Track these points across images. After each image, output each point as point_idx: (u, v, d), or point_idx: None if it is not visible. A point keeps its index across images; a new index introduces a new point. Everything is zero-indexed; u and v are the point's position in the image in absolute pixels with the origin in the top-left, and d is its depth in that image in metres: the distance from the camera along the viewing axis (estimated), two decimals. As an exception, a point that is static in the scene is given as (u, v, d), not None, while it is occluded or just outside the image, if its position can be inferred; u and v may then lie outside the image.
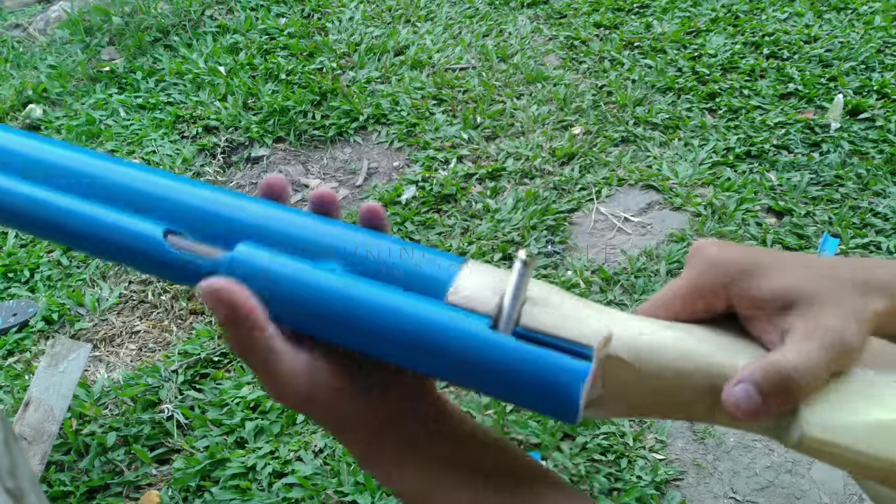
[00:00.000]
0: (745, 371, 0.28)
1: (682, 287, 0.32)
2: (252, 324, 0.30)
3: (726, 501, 1.02)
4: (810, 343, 0.28)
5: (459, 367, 0.29)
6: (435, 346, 0.29)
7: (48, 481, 1.04)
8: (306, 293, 0.30)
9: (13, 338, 1.30)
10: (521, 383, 0.29)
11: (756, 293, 0.30)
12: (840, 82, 1.84)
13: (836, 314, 0.29)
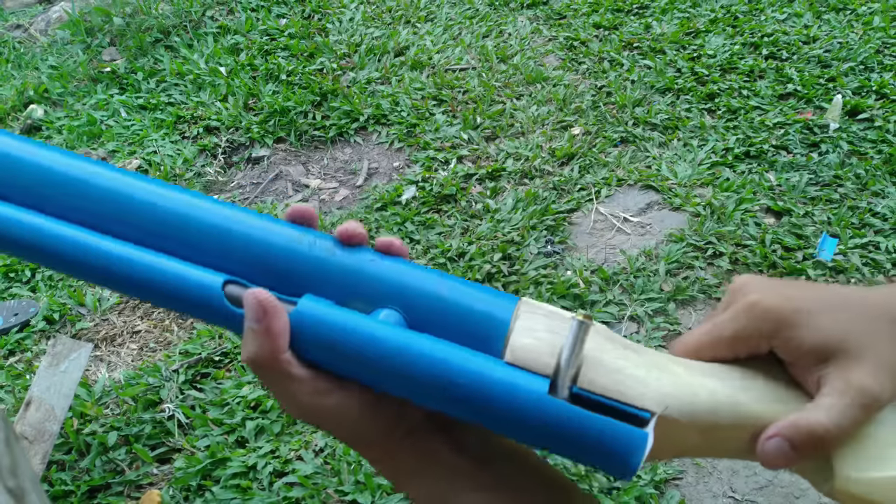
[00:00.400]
0: (781, 425, 0.30)
1: (727, 332, 0.33)
2: (276, 342, 0.31)
3: (725, 500, 1.03)
4: (843, 400, 0.30)
5: (516, 426, 0.30)
6: (492, 405, 0.30)
7: (49, 480, 1.04)
8: (368, 349, 0.31)
9: (14, 337, 1.30)
10: (581, 447, 0.30)
11: (797, 344, 0.31)
12: (839, 83, 1.85)
13: (870, 370, 0.30)
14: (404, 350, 0.31)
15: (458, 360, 0.30)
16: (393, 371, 0.31)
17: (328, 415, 0.32)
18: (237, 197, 1.64)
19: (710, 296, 1.32)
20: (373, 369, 0.31)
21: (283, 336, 0.31)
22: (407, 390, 0.31)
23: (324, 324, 0.31)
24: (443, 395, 0.31)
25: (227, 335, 1.27)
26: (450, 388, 0.30)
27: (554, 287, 1.32)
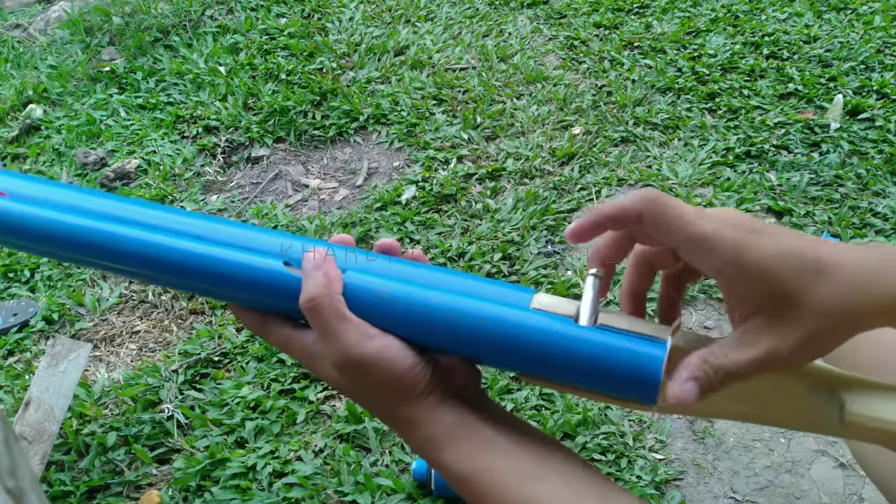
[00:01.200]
0: (694, 365, 0.32)
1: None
2: (332, 283, 0.35)
3: (726, 501, 1.02)
4: (750, 353, 0.31)
5: (549, 359, 0.34)
6: (528, 343, 0.34)
7: (48, 481, 1.04)
8: (415, 306, 0.35)
9: (13, 338, 1.30)
10: (607, 366, 0.33)
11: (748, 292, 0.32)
12: (840, 82, 1.84)
13: (790, 334, 0.31)
14: (449, 304, 0.35)
15: (496, 310, 0.35)
16: (440, 325, 0.35)
17: (372, 359, 0.35)
18: (237, 197, 1.64)
19: (711, 296, 1.32)
20: (422, 326, 0.35)
21: (337, 280, 0.36)
22: (451, 342, 0.35)
23: (372, 288, 0.36)
24: (485, 340, 0.34)
25: (227, 335, 1.27)
26: (491, 334, 0.34)
27: (554, 287, 1.32)
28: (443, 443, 0.36)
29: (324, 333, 0.36)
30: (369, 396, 0.37)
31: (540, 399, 1.13)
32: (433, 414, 0.36)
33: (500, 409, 0.39)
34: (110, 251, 0.38)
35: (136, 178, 1.68)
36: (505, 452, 0.36)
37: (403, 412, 0.37)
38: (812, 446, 1.08)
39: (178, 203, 1.60)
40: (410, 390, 0.36)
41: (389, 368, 0.35)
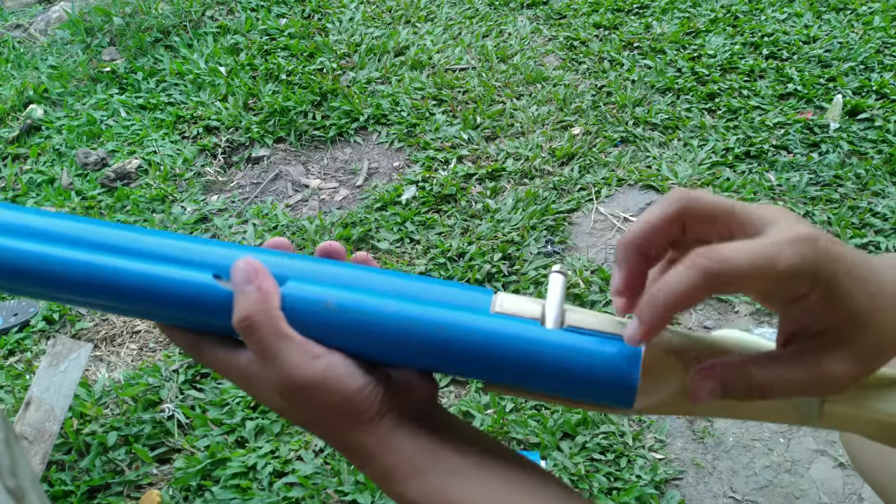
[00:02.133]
0: (722, 365, 0.30)
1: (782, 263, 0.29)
2: (267, 298, 0.32)
3: (725, 501, 1.02)
4: (800, 374, 0.29)
5: (515, 367, 0.31)
6: (491, 351, 0.31)
7: (49, 480, 1.04)
8: (366, 316, 0.32)
9: (14, 337, 1.30)
10: (578, 371, 0.30)
11: (828, 305, 0.29)
12: (839, 82, 1.84)
13: (852, 357, 0.29)
14: (400, 313, 0.32)
15: (452, 317, 0.31)
16: (391, 336, 0.32)
17: (317, 382, 0.31)
18: (237, 197, 1.64)
19: (710, 295, 1.32)
20: (371, 338, 0.32)
21: (274, 294, 0.32)
22: (405, 354, 0.32)
23: (315, 300, 0.32)
24: (442, 350, 0.31)
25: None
26: (449, 344, 0.31)
27: (554, 287, 1.32)
28: (404, 475, 0.32)
29: (262, 355, 0.32)
30: (316, 422, 0.33)
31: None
32: (390, 442, 0.33)
33: (462, 425, 0.36)
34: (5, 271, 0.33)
35: (136, 179, 1.68)
36: (476, 480, 0.32)
37: (355, 439, 0.33)
38: (811, 446, 1.09)
39: (179, 203, 1.60)
40: (361, 415, 0.32)
41: (336, 390, 0.31)
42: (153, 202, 1.60)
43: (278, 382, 0.32)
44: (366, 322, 0.32)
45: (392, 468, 0.33)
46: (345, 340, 0.32)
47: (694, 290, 0.28)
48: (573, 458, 1.05)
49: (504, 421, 1.10)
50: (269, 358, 0.32)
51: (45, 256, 0.33)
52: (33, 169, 1.72)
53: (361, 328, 0.32)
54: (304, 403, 0.32)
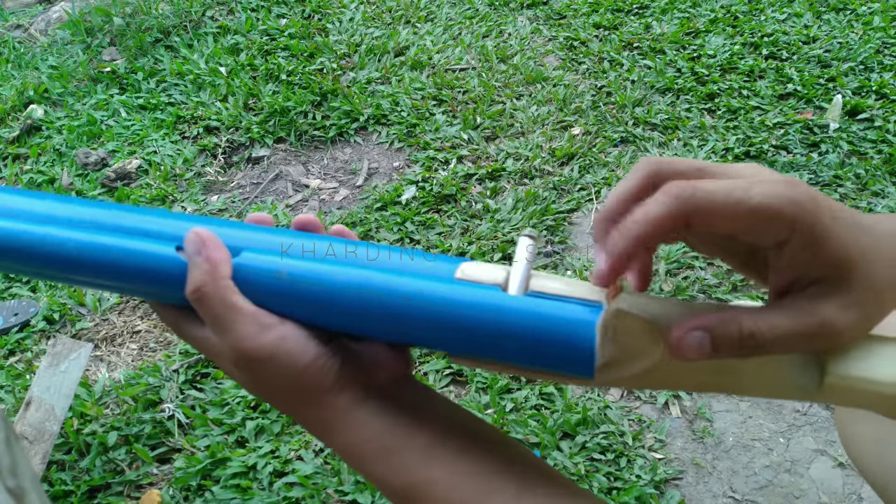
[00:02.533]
0: (710, 318, 0.27)
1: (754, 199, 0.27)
2: (216, 268, 0.31)
3: (725, 500, 1.03)
4: (796, 323, 0.27)
5: (474, 335, 0.29)
6: (449, 319, 0.29)
7: (49, 480, 1.04)
8: (319, 286, 0.31)
9: (14, 337, 1.30)
10: (536, 337, 0.28)
11: (815, 247, 0.27)
12: (839, 83, 1.85)
13: (846, 303, 0.27)
14: (359, 280, 0.30)
15: (412, 284, 0.30)
16: (350, 304, 0.30)
17: (268, 352, 0.31)
18: (237, 197, 1.64)
19: (710, 295, 1.32)
20: (330, 306, 0.31)
21: (223, 264, 0.31)
22: (363, 324, 0.31)
23: (270, 270, 0.32)
24: (401, 318, 0.30)
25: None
26: (408, 311, 0.30)
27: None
28: (371, 453, 0.32)
29: (214, 326, 0.32)
30: (273, 394, 0.33)
31: (539, 398, 1.14)
32: (353, 417, 0.32)
33: (443, 405, 0.34)
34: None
35: (136, 179, 1.68)
36: (446, 461, 0.31)
37: (312, 413, 0.32)
38: (811, 446, 1.09)
39: (179, 203, 1.60)
40: (316, 387, 0.31)
41: (289, 362, 0.31)
42: (153, 202, 1.60)
43: (231, 353, 0.31)
44: (317, 291, 0.31)
45: (356, 444, 0.32)
46: (299, 310, 0.31)
47: (667, 217, 0.26)
48: (573, 457, 1.05)
49: (504, 421, 1.10)
50: (221, 329, 0.31)
51: (12, 234, 0.33)
52: (34, 169, 1.72)
53: (313, 297, 0.31)
54: (257, 375, 0.32)
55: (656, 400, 1.16)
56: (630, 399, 1.16)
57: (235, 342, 0.31)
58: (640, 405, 1.16)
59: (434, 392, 0.35)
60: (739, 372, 0.29)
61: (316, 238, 0.34)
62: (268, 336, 0.31)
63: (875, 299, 0.27)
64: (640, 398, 1.16)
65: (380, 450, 0.31)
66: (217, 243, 0.32)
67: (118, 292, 0.36)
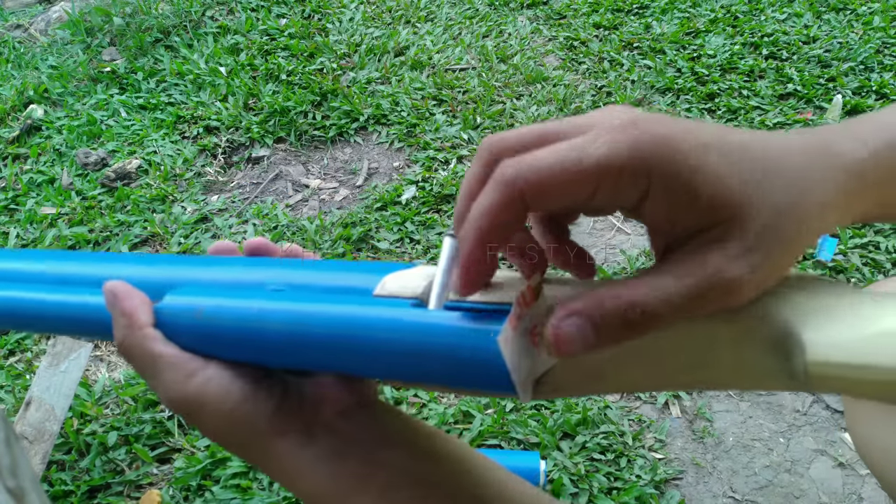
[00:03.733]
0: (584, 299, 0.23)
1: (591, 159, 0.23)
2: (132, 319, 0.30)
3: (725, 500, 1.03)
4: (684, 282, 0.22)
5: (384, 357, 0.27)
6: (360, 342, 0.27)
7: (49, 480, 1.04)
8: (231, 321, 0.29)
9: (14, 337, 1.30)
10: (445, 356, 0.25)
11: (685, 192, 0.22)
12: (839, 83, 1.85)
13: (741, 250, 0.22)
14: (259, 311, 0.29)
15: (318, 309, 0.28)
16: (254, 334, 0.29)
17: (195, 400, 0.29)
18: (237, 197, 1.64)
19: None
20: (237, 337, 0.29)
21: (137, 312, 0.30)
22: (274, 352, 0.29)
23: (184, 309, 0.31)
24: (307, 344, 0.28)
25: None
26: (312, 336, 0.28)
27: (554, 287, 1.32)
28: (325, 501, 0.29)
29: (143, 376, 0.30)
30: (218, 440, 0.30)
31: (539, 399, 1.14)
32: (298, 464, 0.29)
33: (406, 426, 0.31)
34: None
35: (136, 179, 1.68)
36: (407, 499, 0.28)
37: (259, 459, 0.30)
38: (811, 446, 1.09)
39: (179, 203, 1.60)
40: (250, 433, 0.29)
41: (217, 408, 0.29)
42: (153, 202, 1.60)
43: (165, 402, 0.30)
44: (231, 327, 0.29)
45: (309, 494, 0.29)
46: (221, 349, 0.30)
47: (499, 206, 0.23)
48: (573, 457, 1.05)
49: (504, 421, 1.10)
50: (150, 379, 0.30)
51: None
52: (33, 169, 1.72)
53: (230, 334, 0.29)
54: (195, 422, 0.30)
55: (656, 400, 1.16)
56: (630, 399, 1.16)
57: (164, 392, 0.30)
58: (640, 405, 1.15)
59: (397, 418, 0.32)
60: (708, 363, 0.25)
61: (257, 264, 0.33)
62: (191, 383, 0.29)
63: (777, 237, 0.23)
64: (640, 398, 1.16)
65: (333, 499, 0.29)
66: (129, 293, 0.31)
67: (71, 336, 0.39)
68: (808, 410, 1.14)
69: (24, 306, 0.35)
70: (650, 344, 0.24)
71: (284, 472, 0.29)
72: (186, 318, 0.30)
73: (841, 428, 1.11)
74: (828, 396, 1.16)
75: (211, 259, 0.34)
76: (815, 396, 1.16)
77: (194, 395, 0.29)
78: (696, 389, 0.25)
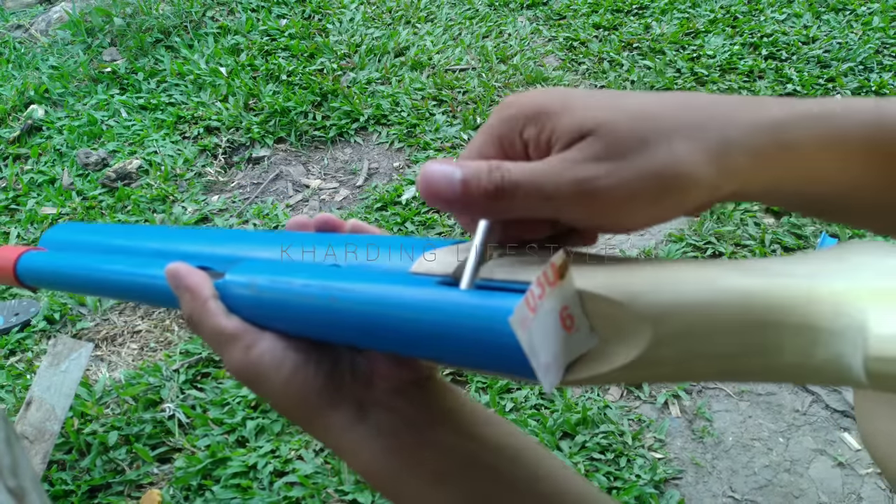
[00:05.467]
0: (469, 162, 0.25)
1: (483, 131, 0.27)
2: (195, 294, 0.32)
3: (725, 500, 1.03)
4: (546, 167, 0.24)
5: (418, 336, 0.26)
6: (383, 317, 0.27)
7: (50, 480, 1.04)
8: (280, 294, 0.31)
9: (15, 337, 1.30)
10: (470, 337, 0.24)
11: (551, 128, 0.24)
12: (838, 83, 1.85)
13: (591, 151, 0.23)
14: (305, 285, 0.30)
15: (354, 286, 0.28)
16: (298, 309, 0.30)
17: (253, 370, 0.30)
18: (237, 197, 1.65)
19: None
20: (286, 308, 0.31)
21: (200, 288, 0.32)
22: (323, 325, 0.30)
23: (246, 280, 0.32)
24: (357, 321, 0.28)
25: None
26: (349, 313, 0.28)
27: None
28: (378, 479, 0.29)
29: (212, 348, 0.32)
30: (285, 413, 0.31)
31: (540, 398, 1.14)
32: (352, 438, 0.29)
33: (460, 407, 0.31)
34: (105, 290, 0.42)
35: (137, 179, 1.68)
36: (459, 483, 0.29)
37: (315, 431, 0.30)
38: (811, 445, 1.09)
39: (180, 203, 1.60)
40: (303, 404, 0.30)
41: (273, 380, 0.30)
42: (154, 202, 1.60)
43: (231, 372, 0.32)
44: (280, 301, 0.30)
45: (363, 468, 0.30)
46: (273, 321, 0.31)
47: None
48: (573, 457, 1.05)
49: (504, 420, 1.11)
50: (217, 350, 0.32)
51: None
52: (34, 169, 1.73)
53: (278, 307, 0.30)
54: (258, 392, 0.31)
55: (656, 400, 1.16)
56: (630, 399, 1.16)
57: (228, 363, 0.31)
58: (639, 405, 1.16)
59: (454, 399, 0.32)
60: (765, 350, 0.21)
61: (323, 240, 0.34)
62: (250, 355, 0.30)
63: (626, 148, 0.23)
64: (640, 398, 1.17)
65: (386, 476, 0.29)
66: (190, 271, 0.33)
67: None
68: (808, 410, 1.14)
69: (109, 279, 0.40)
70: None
71: (339, 447, 0.30)
72: (244, 292, 0.32)
73: (840, 428, 1.11)
74: (827, 396, 1.16)
75: (272, 235, 0.36)
76: (815, 396, 1.16)
77: (253, 367, 0.30)
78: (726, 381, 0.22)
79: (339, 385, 0.30)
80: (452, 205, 0.25)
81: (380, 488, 0.30)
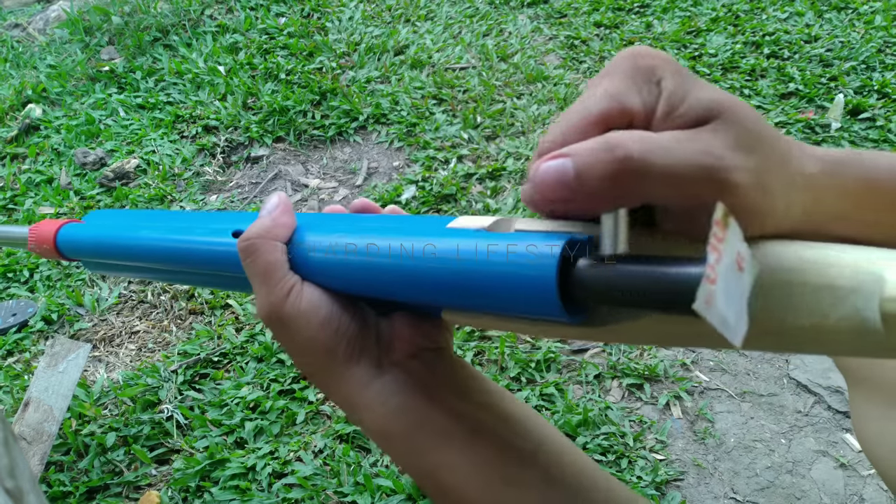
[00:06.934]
0: (581, 143, 0.22)
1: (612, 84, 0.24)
2: (277, 225, 0.33)
3: (727, 502, 1.02)
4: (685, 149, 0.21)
5: (453, 279, 0.27)
6: (434, 266, 0.28)
7: (48, 481, 1.04)
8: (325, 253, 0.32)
9: (12, 338, 1.29)
10: (501, 274, 0.26)
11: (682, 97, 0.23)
12: (840, 82, 1.84)
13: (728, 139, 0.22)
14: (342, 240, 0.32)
15: (396, 238, 0.30)
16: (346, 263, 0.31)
17: (290, 309, 0.31)
18: (236, 196, 1.64)
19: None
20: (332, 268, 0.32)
21: (282, 228, 0.33)
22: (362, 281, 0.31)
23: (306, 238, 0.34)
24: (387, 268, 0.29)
25: (226, 336, 1.26)
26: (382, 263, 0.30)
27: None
28: (389, 434, 0.30)
29: (253, 279, 0.32)
30: (302, 361, 0.32)
31: (540, 399, 1.13)
32: (370, 392, 0.31)
33: (469, 378, 0.32)
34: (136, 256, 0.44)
35: (135, 178, 1.68)
36: (465, 446, 0.29)
37: (334, 384, 0.31)
38: (813, 447, 1.08)
39: (178, 202, 1.59)
40: (329, 352, 0.31)
41: (306, 323, 0.31)
42: (152, 202, 1.59)
43: (263, 310, 0.32)
44: (322, 258, 0.32)
45: (377, 423, 0.31)
46: (318, 276, 0.33)
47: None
48: (574, 459, 1.05)
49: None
50: (258, 285, 0.32)
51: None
52: (32, 168, 1.72)
53: (322, 261, 0.32)
54: (284, 334, 0.32)
55: (657, 401, 1.15)
56: (631, 400, 1.16)
57: (265, 301, 0.32)
58: (641, 406, 1.15)
59: (466, 369, 0.33)
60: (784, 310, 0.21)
61: (363, 218, 0.36)
62: (293, 294, 0.31)
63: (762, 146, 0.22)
64: (641, 399, 1.16)
65: (398, 434, 0.30)
66: (289, 211, 0.34)
67: (195, 282, 0.44)
68: (810, 411, 1.14)
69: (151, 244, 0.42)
70: None
71: (355, 402, 0.31)
72: (297, 249, 0.34)
73: (843, 429, 1.11)
74: (829, 397, 1.15)
75: (313, 215, 0.38)
76: (817, 397, 1.16)
77: (293, 307, 0.31)
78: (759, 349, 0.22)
79: (364, 342, 0.32)
80: (569, 204, 0.22)
81: (391, 447, 0.31)
